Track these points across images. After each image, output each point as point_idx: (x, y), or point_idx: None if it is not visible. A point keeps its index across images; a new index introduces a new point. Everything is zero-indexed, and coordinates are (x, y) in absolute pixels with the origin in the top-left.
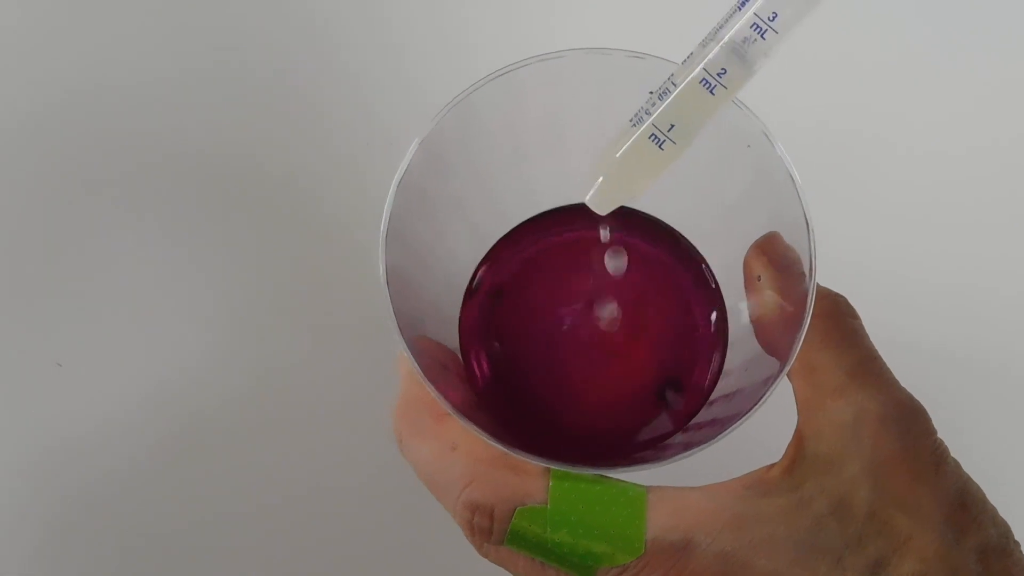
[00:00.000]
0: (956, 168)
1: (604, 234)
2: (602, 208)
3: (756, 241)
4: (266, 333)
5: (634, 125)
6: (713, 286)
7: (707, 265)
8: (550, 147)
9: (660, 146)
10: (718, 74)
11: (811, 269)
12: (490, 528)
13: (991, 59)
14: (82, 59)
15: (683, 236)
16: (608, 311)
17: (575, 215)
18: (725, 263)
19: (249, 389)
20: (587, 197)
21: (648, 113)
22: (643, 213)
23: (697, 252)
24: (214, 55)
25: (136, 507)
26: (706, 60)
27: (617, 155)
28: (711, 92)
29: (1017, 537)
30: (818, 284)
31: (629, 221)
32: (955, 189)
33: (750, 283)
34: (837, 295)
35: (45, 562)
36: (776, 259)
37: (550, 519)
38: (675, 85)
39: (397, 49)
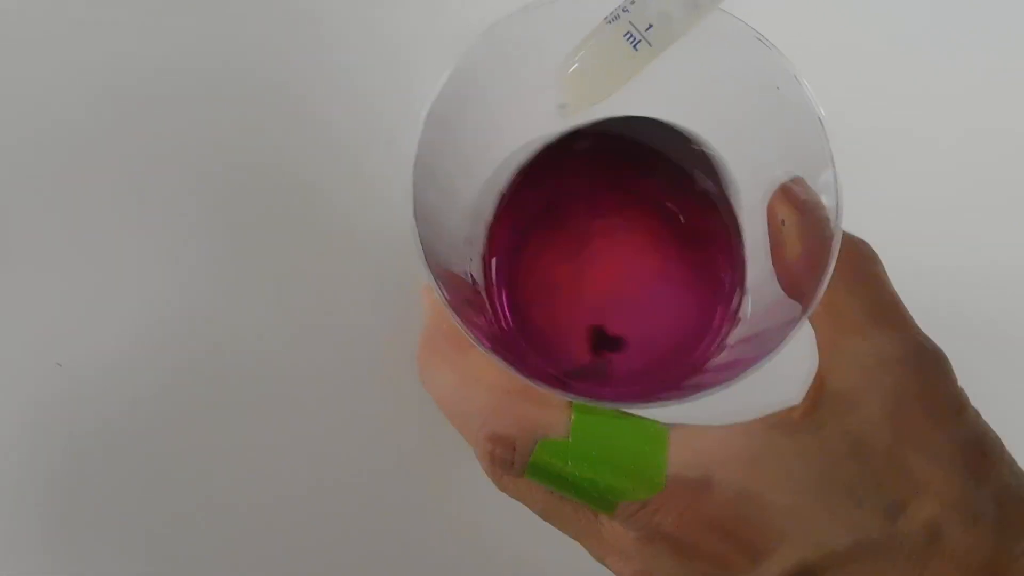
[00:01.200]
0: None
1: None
2: (566, 108)
3: (781, 185)
4: (268, 326)
5: (609, 23)
6: (737, 231)
7: (733, 208)
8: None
9: (635, 46)
10: None
11: (837, 212)
12: (511, 460)
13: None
14: (79, 58)
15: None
16: (632, 251)
17: (604, 139)
18: (749, 206)
19: (253, 383)
20: (557, 101)
21: (625, 10)
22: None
23: (719, 193)
24: (208, 46)
25: (136, 507)
26: None
27: (585, 51)
28: None
29: None
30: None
31: (657, 139)
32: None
33: (774, 226)
34: (860, 240)
35: (46, 561)
36: (800, 203)
37: (572, 452)
38: None
39: (388, 32)
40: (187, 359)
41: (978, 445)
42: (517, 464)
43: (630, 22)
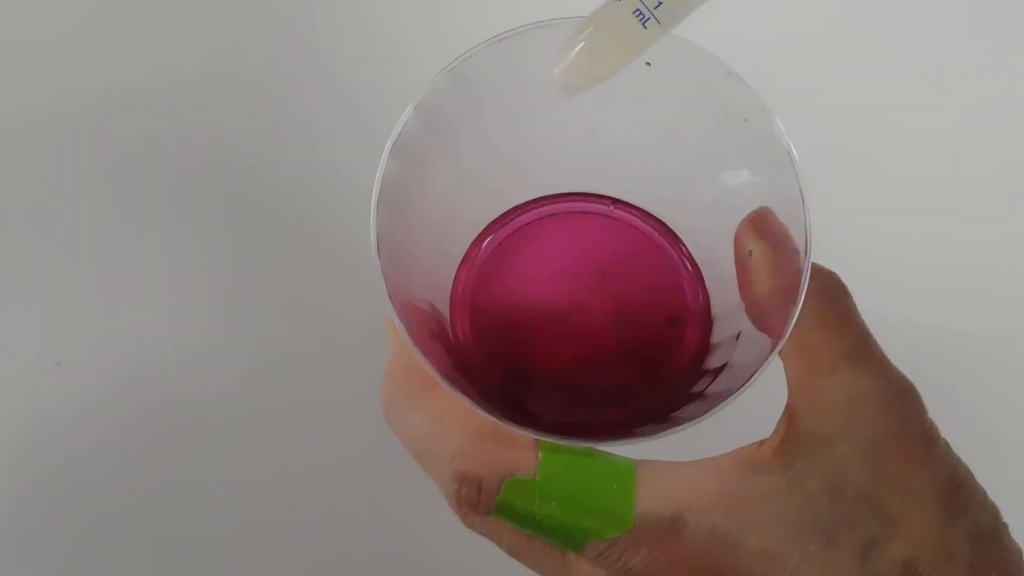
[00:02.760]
0: (951, 149)
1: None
2: (570, 87)
3: (748, 215)
4: (265, 326)
5: (618, 0)
6: (694, 262)
7: (684, 244)
8: (550, 115)
9: (644, 24)
10: None
11: (807, 246)
12: (477, 499)
13: (995, 42)
14: (77, 59)
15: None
16: (597, 283)
17: (567, 196)
18: (716, 236)
19: (249, 383)
20: (556, 71)
21: None
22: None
23: (674, 233)
24: (202, 49)
25: (137, 507)
26: None
27: (593, 27)
28: None
29: (1006, 518)
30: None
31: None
32: (950, 169)
33: (740, 257)
34: (830, 272)
35: (44, 561)
36: (768, 234)
37: (539, 492)
38: None
39: (385, 33)
40: (187, 355)
41: (950, 480)
42: (484, 503)
43: None
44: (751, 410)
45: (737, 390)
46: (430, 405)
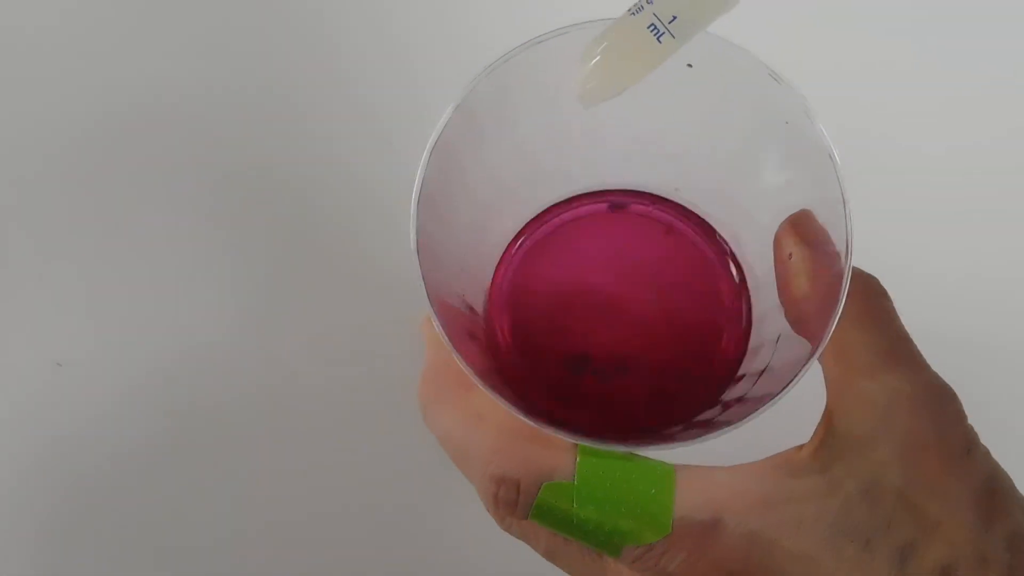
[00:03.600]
0: (982, 160)
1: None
2: (588, 100)
3: (788, 218)
4: (276, 326)
5: (633, 14)
6: (731, 255)
7: (722, 236)
8: (587, 116)
9: (658, 38)
10: None
11: (847, 249)
12: (515, 501)
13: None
14: (84, 58)
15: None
16: (635, 283)
17: (607, 193)
18: (757, 239)
19: (260, 383)
20: (574, 83)
21: (649, 2)
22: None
23: (718, 235)
24: (223, 48)
25: (137, 508)
26: None
27: (608, 42)
28: None
29: None
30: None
31: (653, 199)
32: (981, 182)
33: (781, 260)
34: (869, 275)
35: (44, 562)
36: (809, 237)
37: (577, 495)
38: None
39: (430, 16)
40: (193, 354)
41: (989, 485)
42: (522, 506)
43: (654, 14)
44: (790, 416)
45: (777, 395)
46: (467, 405)
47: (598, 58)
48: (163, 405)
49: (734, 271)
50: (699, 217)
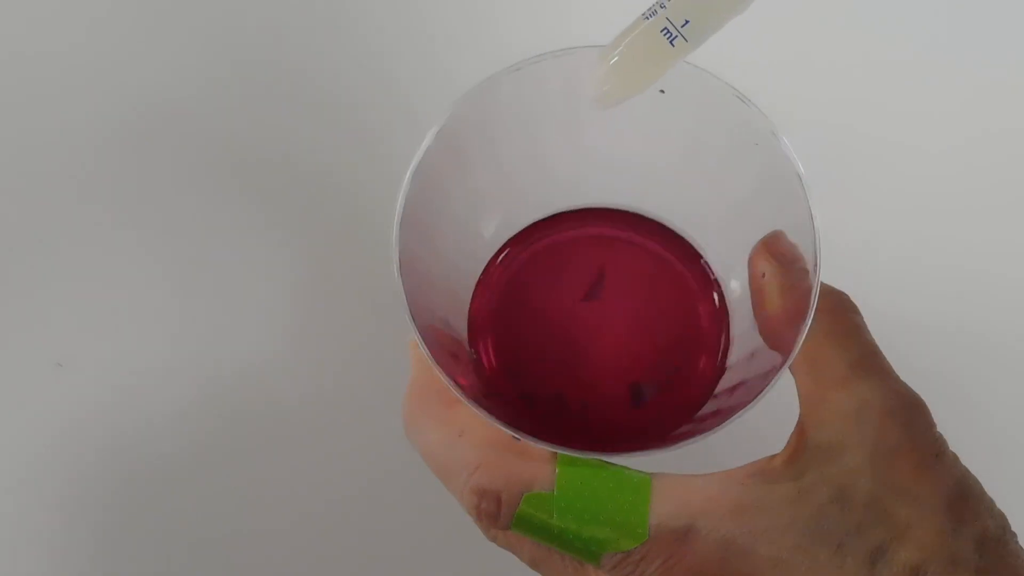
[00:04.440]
0: (955, 160)
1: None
2: (603, 103)
3: (762, 238)
4: (270, 328)
5: (647, 19)
6: (715, 280)
7: (706, 260)
8: (566, 140)
9: (671, 42)
10: None
11: (816, 266)
12: (497, 513)
13: (994, 50)
14: (87, 55)
15: (684, 233)
16: (614, 304)
17: (587, 214)
18: (731, 258)
19: (254, 384)
20: (590, 89)
21: (663, 6)
22: (648, 218)
23: (698, 252)
24: (226, 48)
25: (138, 508)
26: None
27: (624, 45)
28: None
29: (1015, 527)
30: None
31: (635, 219)
32: (954, 180)
33: (755, 279)
34: (839, 292)
35: (43, 563)
36: (780, 256)
37: (556, 505)
38: None
39: (415, 41)
40: (190, 356)
41: (958, 489)
42: (503, 517)
43: (667, 18)
44: (766, 426)
45: (748, 404)
46: (449, 421)
47: (615, 60)
48: (163, 406)
49: (715, 295)
50: (682, 238)
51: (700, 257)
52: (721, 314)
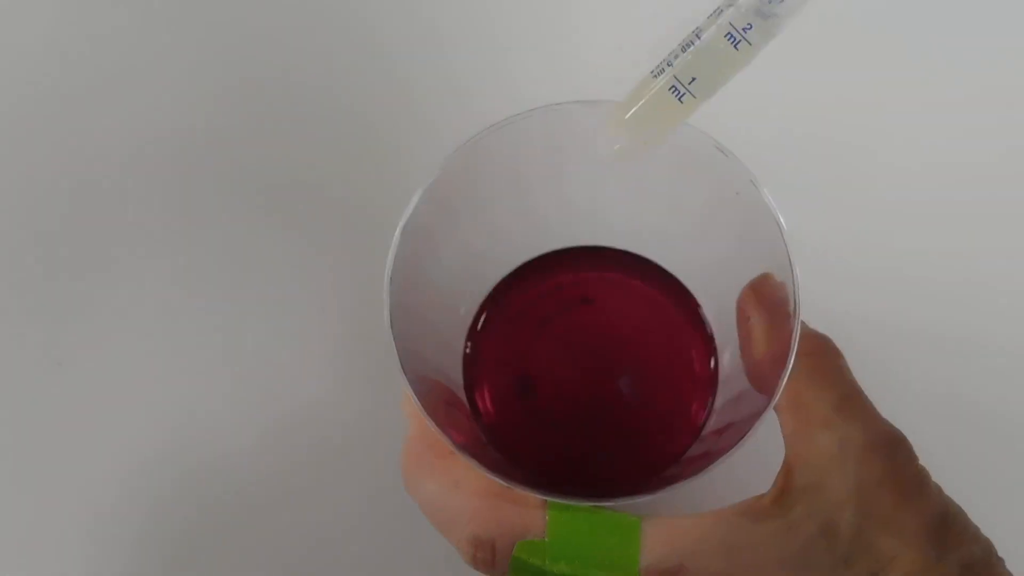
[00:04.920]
0: (946, 171)
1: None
2: (618, 159)
3: (750, 282)
4: (278, 340)
5: (655, 76)
6: (707, 327)
7: (700, 307)
8: (553, 191)
9: (680, 99)
10: (744, 29)
11: (795, 311)
12: (492, 561)
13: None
14: (86, 53)
15: (677, 279)
16: (609, 350)
17: (579, 255)
18: (718, 305)
19: (253, 399)
20: (602, 147)
21: (670, 64)
22: (643, 257)
23: (691, 295)
24: (225, 65)
25: (137, 509)
26: (733, 14)
27: (636, 106)
28: (735, 47)
29: (1006, 548)
30: (805, 324)
31: (628, 261)
32: (944, 191)
33: (742, 323)
34: (822, 335)
35: (42, 564)
36: (766, 300)
37: (549, 551)
38: (699, 37)
39: (405, 93)
40: (192, 361)
41: (941, 518)
42: (499, 565)
43: (675, 76)
44: (753, 468)
45: (733, 447)
46: (445, 472)
47: (627, 118)
48: (167, 406)
49: (705, 338)
50: (676, 281)
51: (694, 301)
52: (711, 357)
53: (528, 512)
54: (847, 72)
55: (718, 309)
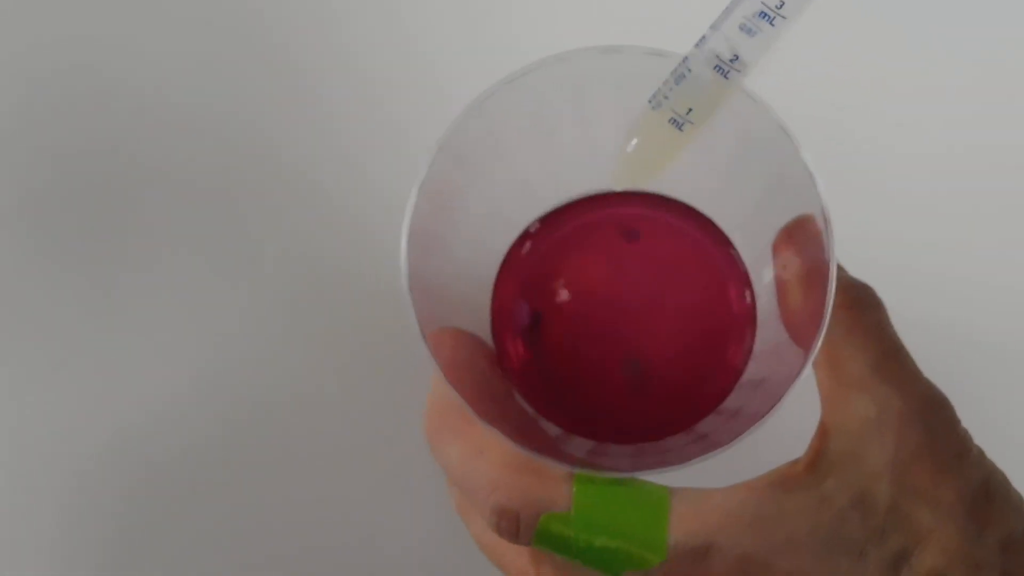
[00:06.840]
0: (972, 159)
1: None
2: (623, 187)
3: (785, 226)
4: (280, 331)
5: (653, 108)
6: (741, 265)
7: (735, 248)
8: (575, 140)
9: (680, 128)
10: (731, 60)
11: (831, 260)
12: (516, 531)
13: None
14: (87, 53)
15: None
16: (647, 287)
17: (612, 197)
18: (753, 253)
19: (260, 391)
20: (613, 179)
21: (666, 97)
22: (674, 199)
23: (725, 234)
24: (222, 52)
25: (137, 510)
26: (718, 47)
27: (638, 139)
28: (725, 77)
29: None
30: (844, 272)
31: (660, 202)
32: (945, 181)
33: (778, 268)
34: (862, 285)
35: (41, 565)
36: (803, 245)
37: (575, 523)
38: (690, 71)
39: (413, 47)
40: (198, 358)
41: (982, 489)
42: (523, 536)
43: (672, 109)
44: (789, 430)
45: (767, 412)
46: (469, 437)
47: (631, 152)
48: (168, 405)
49: (740, 276)
50: (709, 220)
51: (728, 240)
52: (747, 291)
53: (553, 484)
54: (846, 63)
55: (754, 260)
